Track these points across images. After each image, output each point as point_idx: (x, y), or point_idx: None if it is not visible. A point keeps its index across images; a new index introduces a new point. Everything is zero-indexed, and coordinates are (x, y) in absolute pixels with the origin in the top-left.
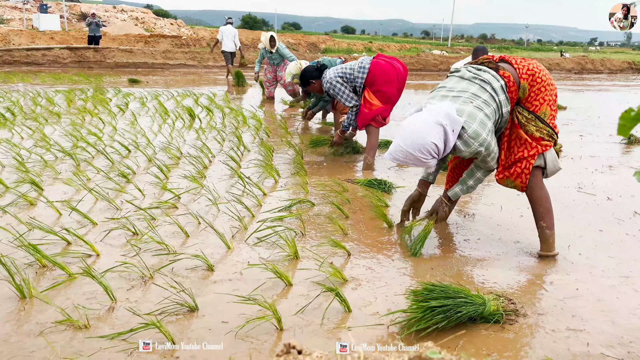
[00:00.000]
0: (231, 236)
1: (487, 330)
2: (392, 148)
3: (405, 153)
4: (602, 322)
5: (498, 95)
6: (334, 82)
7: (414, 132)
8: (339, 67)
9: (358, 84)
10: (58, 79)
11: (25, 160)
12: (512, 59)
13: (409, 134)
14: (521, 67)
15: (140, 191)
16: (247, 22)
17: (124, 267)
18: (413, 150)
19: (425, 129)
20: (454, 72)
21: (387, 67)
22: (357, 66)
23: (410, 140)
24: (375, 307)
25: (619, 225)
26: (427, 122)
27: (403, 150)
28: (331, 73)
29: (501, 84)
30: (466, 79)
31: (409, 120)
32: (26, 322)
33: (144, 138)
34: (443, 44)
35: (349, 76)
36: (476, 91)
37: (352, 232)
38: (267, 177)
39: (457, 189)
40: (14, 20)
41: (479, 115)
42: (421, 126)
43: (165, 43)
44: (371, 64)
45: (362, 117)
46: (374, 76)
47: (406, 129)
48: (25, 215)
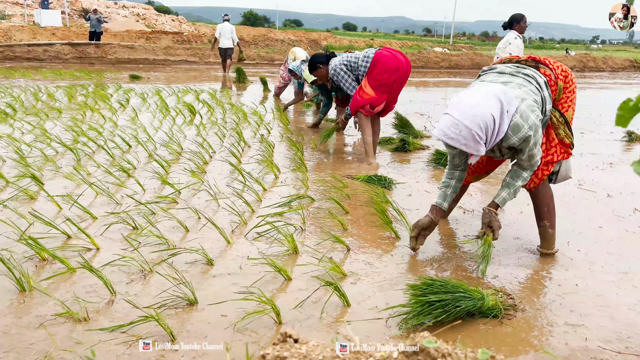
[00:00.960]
0: (231, 231)
1: (485, 325)
2: (443, 123)
3: (460, 127)
4: (601, 317)
5: (542, 91)
6: (338, 70)
7: (472, 104)
8: (345, 55)
9: (361, 72)
10: (59, 75)
11: (26, 154)
12: (545, 60)
13: (466, 106)
14: (556, 67)
15: (141, 186)
16: (248, 18)
17: (124, 260)
18: (470, 123)
19: (484, 101)
20: (489, 70)
21: (389, 57)
22: (362, 55)
23: (469, 112)
24: (374, 302)
25: (619, 222)
26: (486, 95)
27: (458, 124)
28: (337, 60)
29: (544, 80)
30: (507, 73)
31: (463, 95)
32: (26, 314)
33: (144, 133)
34: (445, 41)
35: (353, 64)
36: (521, 82)
37: (351, 228)
38: (268, 172)
39: (504, 195)
40: (15, 16)
41: (528, 98)
42: (479, 99)
43: (166, 39)
44: (375, 54)
45: (354, 103)
46: (376, 65)
47: (463, 101)
48: (25, 209)
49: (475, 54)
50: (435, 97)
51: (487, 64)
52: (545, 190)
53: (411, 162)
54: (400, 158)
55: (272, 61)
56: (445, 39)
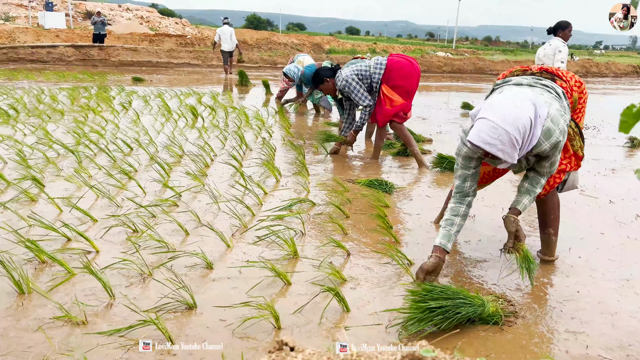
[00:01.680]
0: (231, 234)
1: (485, 332)
2: (479, 128)
3: (499, 131)
4: (602, 324)
5: (562, 101)
6: (350, 80)
7: (510, 107)
8: (353, 65)
9: (375, 80)
10: (62, 77)
11: (27, 156)
12: (559, 72)
13: (504, 109)
14: (570, 78)
15: (142, 188)
16: (251, 22)
17: (123, 264)
18: (509, 127)
19: (521, 104)
20: (503, 83)
21: (403, 62)
22: (374, 63)
23: (508, 115)
24: (373, 307)
25: (621, 229)
26: (522, 98)
27: (497, 127)
28: (347, 71)
29: (562, 91)
30: (525, 84)
31: (496, 99)
32: (24, 317)
33: (146, 136)
34: (447, 45)
35: (364, 73)
36: (541, 92)
37: (352, 232)
38: (269, 176)
39: (526, 202)
40: (19, 17)
41: (554, 103)
42: (516, 102)
43: (169, 42)
44: (388, 60)
45: (385, 113)
46: (391, 72)
47: (499, 105)
48: (26, 211)
49: (478, 58)
50: (438, 101)
51: (489, 69)
52: (553, 198)
53: (412, 166)
54: (402, 162)
55: (274, 64)
56: (448, 43)
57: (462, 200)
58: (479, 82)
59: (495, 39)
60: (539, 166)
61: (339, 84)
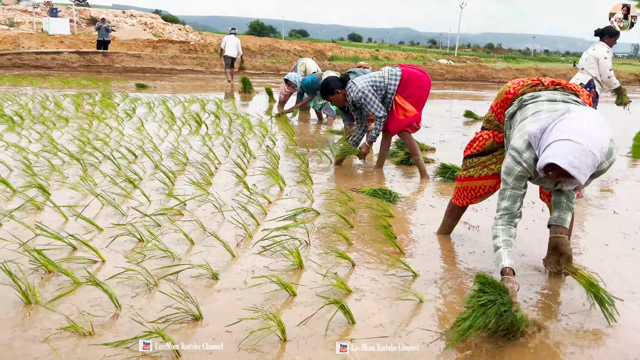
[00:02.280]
0: (236, 244)
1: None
2: (566, 150)
3: (588, 155)
4: (607, 338)
5: None
6: (366, 92)
7: (593, 129)
8: (366, 76)
9: (391, 91)
10: (66, 83)
11: (32, 164)
12: (571, 85)
13: (589, 131)
14: (581, 92)
15: (146, 197)
16: (254, 28)
17: (129, 274)
18: (596, 150)
19: (601, 125)
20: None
21: (418, 74)
22: (387, 74)
23: (596, 138)
24: (379, 319)
25: (625, 240)
26: (599, 117)
27: (585, 150)
28: (362, 82)
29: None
30: (559, 100)
31: (574, 116)
32: (30, 327)
33: (150, 143)
34: (449, 53)
35: (379, 84)
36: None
37: (356, 242)
38: (273, 184)
39: (569, 218)
40: (24, 23)
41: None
42: (599, 124)
43: (173, 48)
44: (402, 72)
45: (398, 124)
46: (406, 82)
47: (581, 124)
48: (32, 219)
49: (479, 66)
50: (440, 109)
51: (492, 76)
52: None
53: (415, 175)
54: (405, 171)
55: (277, 71)
56: (450, 50)
57: (511, 223)
58: (482, 90)
59: (498, 47)
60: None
61: (352, 95)
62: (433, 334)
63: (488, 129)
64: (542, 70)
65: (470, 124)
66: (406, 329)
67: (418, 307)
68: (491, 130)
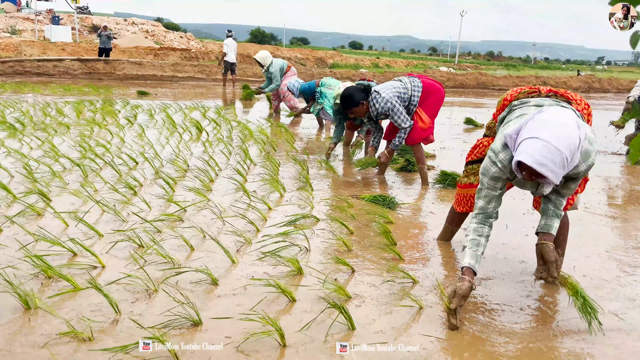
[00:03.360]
0: (236, 250)
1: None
2: (533, 147)
3: (552, 151)
4: (606, 345)
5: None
6: (394, 102)
7: (560, 125)
8: (389, 85)
9: (414, 103)
10: (68, 90)
11: (33, 170)
12: (567, 94)
13: (554, 127)
14: (579, 102)
15: (147, 203)
16: (255, 36)
17: (129, 279)
18: (563, 147)
19: (571, 123)
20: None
21: (436, 86)
22: (410, 85)
23: (561, 134)
24: (379, 325)
25: (625, 246)
26: (568, 117)
27: (551, 147)
28: (388, 92)
29: (580, 115)
30: (547, 105)
31: (544, 116)
32: (30, 333)
33: (151, 150)
34: (450, 60)
35: (403, 95)
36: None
37: (356, 249)
38: (273, 191)
39: (556, 225)
40: (26, 31)
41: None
42: (566, 120)
43: (174, 56)
44: (423, 83)
45: (418, 135)
46: (427, 93)
47: (549, 123)
48: (32, 225)
49: (480, 73)
50: (440, 116)
51: (492, 84)
52: (564, 219)
53: (416, 182)
54: (405, 178)
55: None
56: (451, 58)
57: (484, 222)
58: (482, 98)
59: (498, 54)
60: (564, 187)
61: (379, 105)
62: (433, 340)
63: (489, 136)
64: (543, 78)
65: (471, 131)
66: (406, 334)
67: (418, 313)
68: (491, 137)
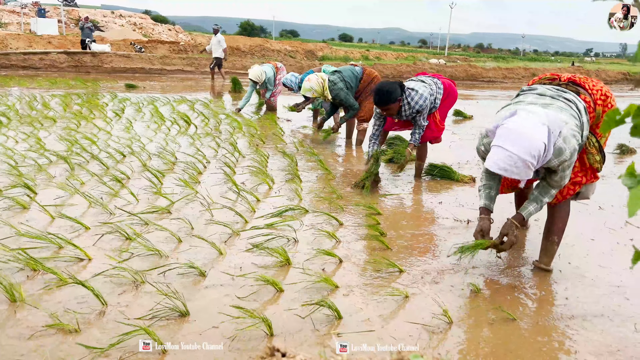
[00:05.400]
0: (223, 242)
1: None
2: (497, 156)
3: (514, 159)
4: (591, 331)
5: (582, 117)
6: (428, 103)
7: (522, 135)
8: (424, 84)
9: (437, 105)
10: (54, 84)
11: (19, 164)
12: (585, 83)
13: (517, 137)
14: (596, 92)
15: (134, 196)
16: (245, 28)
17: (116, 271)
18: (524, 154)
19: (532, 130)
20: (529, 90)
21: (453, 87)
22: (435, 87)
23: (522, 143)
24: (365, 314)
25: (611, 235)
26: (533, 123)
27: (512, 156)
28: (426, 91)
29: (584, 106)
30: (548, 95)
31: (511, 124)
32: (16, 325)
33: (138, 143)
34: (440, 52)
35: (431, 96)
36: (562, 106)
37: (343, 239)
38: (261, 183)
39: (531, 209)
40: (11, 24)
41: (570, 122)
42: (529, 129)
43: (163, 49)
44: (442, 83)
45: (433, 134)
46: (447, 95)
47: (512, 132)
48: (17, 219)
49: (470, 65)
50: None
51: (481, 76)
52: (566, 207)
53: (404, 173)
54: (393, 169)
55: None
56: (441, 50)
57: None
58: (471, 89)
59: (488, 46)
60: (549, 178)
61: (418, 103)
62: (419, 327)
63: None
64: (532, 70)
65: (460, 123)
66: (392, 322)
67: (404, 301)
68: None
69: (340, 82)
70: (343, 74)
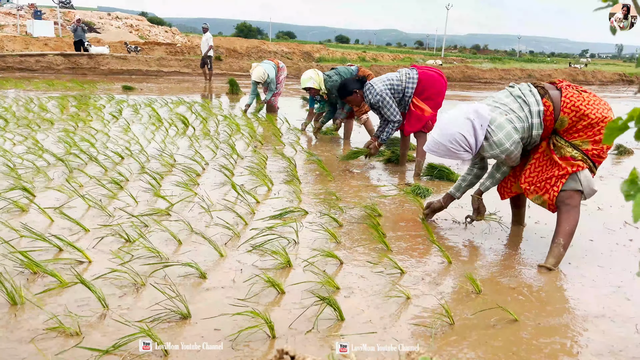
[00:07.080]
0: (224, 243)
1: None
2: (429, 140)
3: (437, 144)
4: (592, 331)
5: (532, 118)
6: (384, 95)
7: (444, 125)
8: (384, 79)
9: (408, 94)
10: (51, 86)
11: (17, 166)
12: (567, 91)
13: (440, 126)
14: (567, 101)
15: (133, 198)
16: (241, 30)
17: (116, 274)
18: (443, 141)
19: (453, 122)
20: (508, 87)
21: (436, 77)
22: (405, 77)
23: (441, 131)
24: (368, 315)
25: (610, 235)
26: (456, 116)
27: (436, 142)
28: (380, 85)
29: (539, 109)
30: (513, 95)
31: (443, 116)
32: (17, 328)
33: (137, 145)
34: (436, 54)
35: (397, 87)
36: (515, 108)
37: (344, 241)
38: (260, 185)
39: (488, 184)
40: (7, 26)
41: (507, 127)
42: (450, 120)
43: (159, 50)
44: (419, 74)
45: (420, 123)
46: (424, 86)
47: (439, 122)
48: (17, 221)
49: (466, 66)
50: None
51: (478, 77)
52: (570, 210)
53: (403, 173)
54: (392, 169)
55: None
56: (437, 51)
57: (472, 168)
58: (468, 90)
59: (484, 48)
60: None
61: (370, 97)
62: (421, 328)
63: None
64: (528, 71)
65: None
66: (394, 324)
67: (406, 303)
68: None
69: (336, 75)
70: (338, 69)
